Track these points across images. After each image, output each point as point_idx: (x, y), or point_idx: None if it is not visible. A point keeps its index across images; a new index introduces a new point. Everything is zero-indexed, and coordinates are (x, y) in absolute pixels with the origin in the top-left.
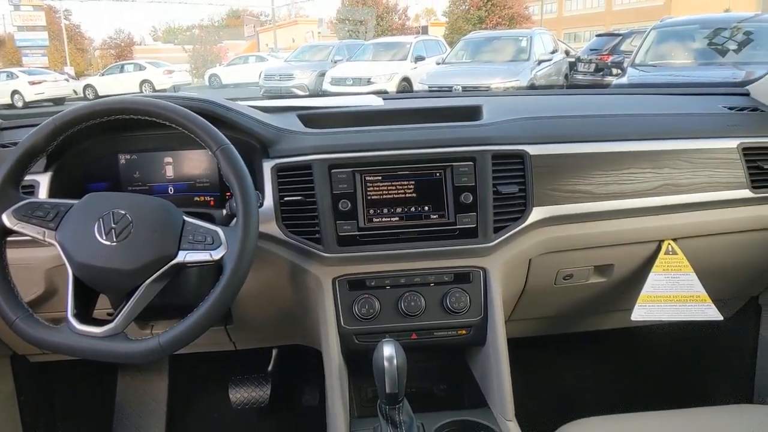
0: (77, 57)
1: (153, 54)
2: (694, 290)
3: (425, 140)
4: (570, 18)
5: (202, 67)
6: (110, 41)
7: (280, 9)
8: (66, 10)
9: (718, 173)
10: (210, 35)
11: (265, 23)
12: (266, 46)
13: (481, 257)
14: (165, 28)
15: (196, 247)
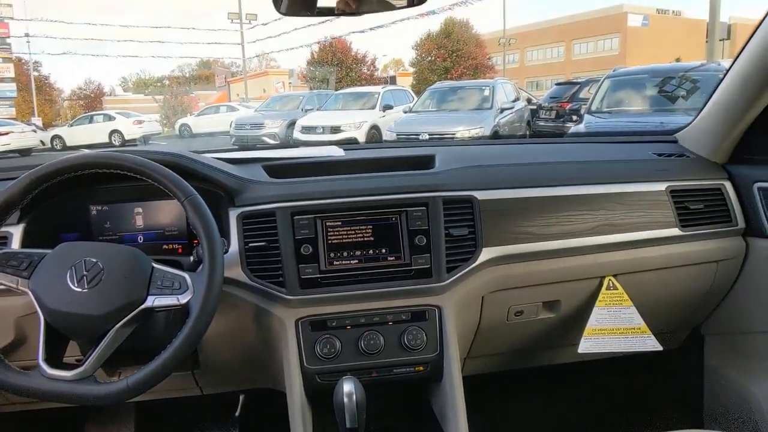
0: (45, 108)
1: (123, 105)
2: (634, 323)
3: (381, 187)
4: (531, 67)
5: (172, 117)
6: (80, 92)
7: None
8: (36, 61)
9: (649, 214)
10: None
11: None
12: (237, 96)
13: (435, 296)
14: (136, 79)
15: (164, 292)
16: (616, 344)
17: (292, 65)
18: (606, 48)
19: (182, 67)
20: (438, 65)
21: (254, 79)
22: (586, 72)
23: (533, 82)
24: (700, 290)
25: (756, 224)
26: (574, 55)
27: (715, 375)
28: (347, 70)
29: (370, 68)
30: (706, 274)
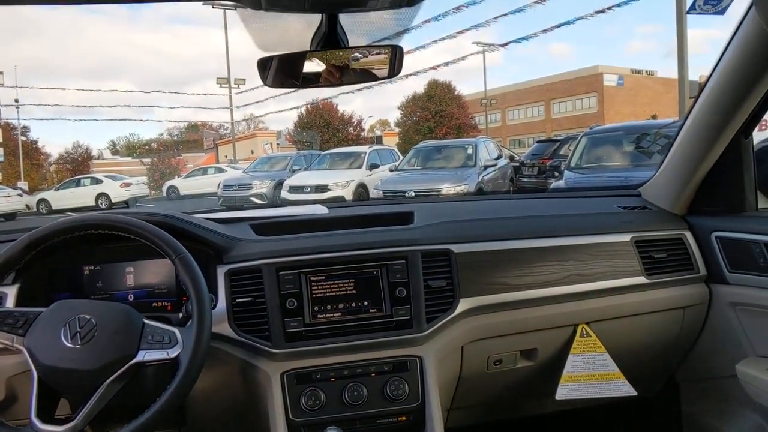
0: (32, 172)
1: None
2: (609, 369)
3: (363, 242)
4: (513, 126)
5: (160, 180)
6: (67, 156)
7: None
8: (24, 126)
9: (616, 263)
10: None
11: (224, 136)
12: (225, 158)
13: (416, 346)
14: (125, 142)
15: (154, 347)
16: (591, 390)
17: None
18: (584, 106)
19: (171, 131)
20: (422, 125)
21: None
22: (566, 130)
23: (515, 140)
24: (670, 336)
25: (716, 271)
26: (554, 114)
27: (693, 422)
28: (334, 131)
29: (356, 128)
30: (673, 321)
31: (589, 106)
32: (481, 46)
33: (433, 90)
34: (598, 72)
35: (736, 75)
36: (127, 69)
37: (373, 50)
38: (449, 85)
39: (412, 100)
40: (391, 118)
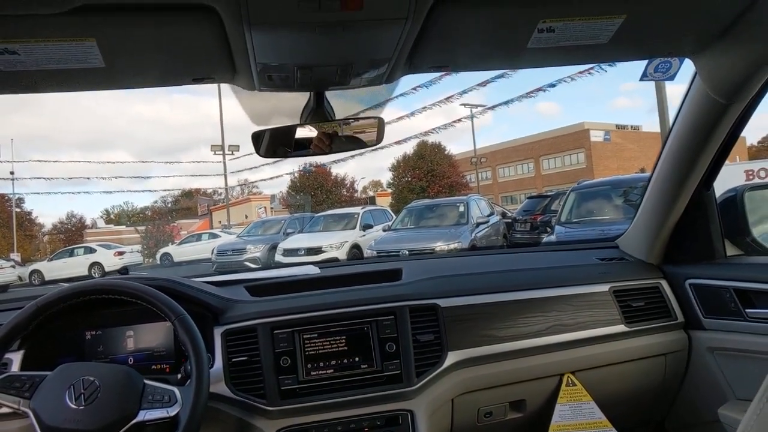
0: (25, 243)
1: (105, 237)
2: (596, 417)
3: (353, 300)
4: (504, 183)
5: (154, 247)
6: (61, 226)
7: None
8: (19, 198)
9: (596, 313)
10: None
11: (218, 202)
12: (219, 223)
13: (407, 400)
14: (118, 211)
15: (154, 406)
16: None
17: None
18: (573, 162)
19: (165, 198)
20: (414, 185)
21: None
22: (556, 185)
23: (507, 196)
24: (655, 383)
25: (693, 317)
26: (544, 170)
27: None
28: (327, 193)
29: (349, 190)
30: (656, 368)
31: (577, 162)
32: (468, 107)
33: (423, 150)
34: (584, 129)
35: (689, 134)
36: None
37: (357, 122)
38: (439, 145)
39: (403, 160)
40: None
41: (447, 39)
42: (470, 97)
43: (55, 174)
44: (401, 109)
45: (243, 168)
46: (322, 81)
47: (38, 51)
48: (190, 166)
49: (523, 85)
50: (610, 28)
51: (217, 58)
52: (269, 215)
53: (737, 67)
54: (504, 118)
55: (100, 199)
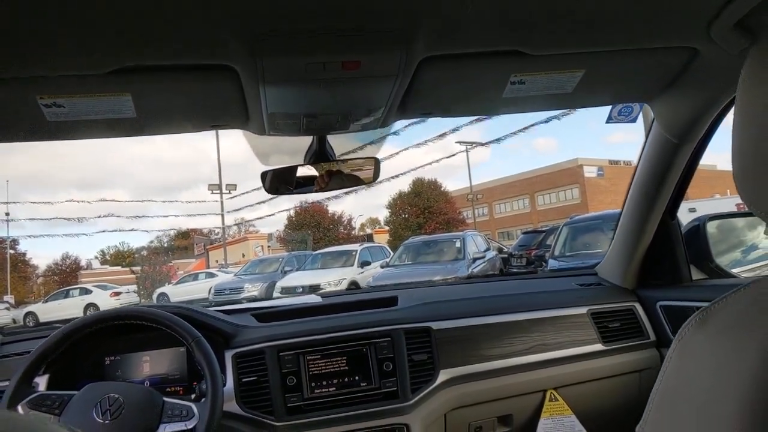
0: (19, 285)
1: (100, 278)
2: (576, 430)
3: (353, 324)
4: (500, 219)
5: (150, 287)
6: (55, 268)
7: (231, 227)
8: (13, 240)
9: (575, 333)
10: (159, 256)
11: (215, 241)
12: (216, 263)
13: (403, 415)
14: (114, 251)
15: (173, 420)
16: None
17: (271, 229)
18: (568, 198)
19: (161, 238)
20: (411, 221)
21: (233, 245)
22: (551, 220)
23: (504, 232)
24: (630, 399)
25: (663, 336)
26: (539, 206)
27: None
28: (325, 231)
29: (347, 227)
30: (632, 384)
31: (572, 197)
32: (464, 144)
33: (419, 187)
34: (578, 164)
35: (651, 170)
36: (121, 177)
37: (355, 162)
38: (435, 182)
39: (399, 197)
40: (381, 215)
41: (432, 90)
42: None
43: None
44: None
45: (240, 207)
46: (325, 126)
47: (81, 104)
48: (188, 205)
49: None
50: (572, 80)
51: (234, 108)
52: (267, 254)
53: (687, 111)
54: (502, 154)
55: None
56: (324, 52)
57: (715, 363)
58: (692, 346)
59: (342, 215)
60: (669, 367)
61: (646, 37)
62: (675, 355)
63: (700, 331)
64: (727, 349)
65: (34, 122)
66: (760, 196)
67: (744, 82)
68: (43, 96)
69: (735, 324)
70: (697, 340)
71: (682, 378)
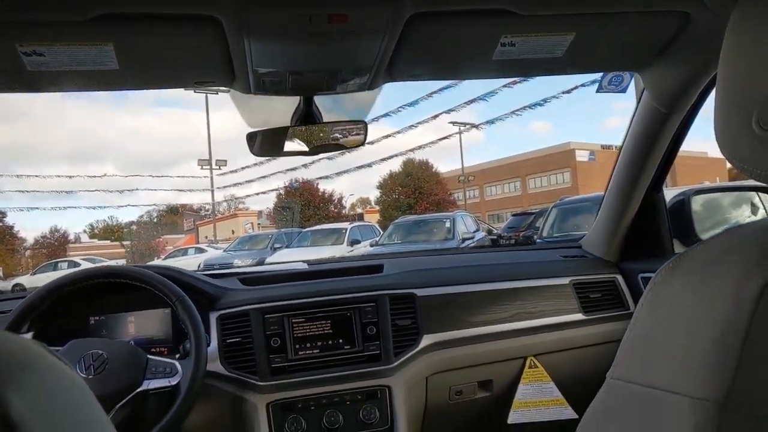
0: (7, 258)
1: (89, 251)
2: (554, 396)
3: (338, 289)
4: (491, 201)
5: (139, 261)
6: (43, 241)
7: (220, 204)
8: (1, 212)
9: (557, 303)
10: (148, 231)
11: (204, 217)
12: (206, 239)
13: (386, 377)
14: (103, 226)
15: (157, 376)
16: (539, 415)
17: (261, 206)
18: (559, 181)
19: (150, 213)
20: (402, 202)
21: (223, 222)
22: (542, 204)
23: (494, 214)
24: (608, 366)
25: None
26: (530, 189)
27: None
28: (315, 209)
29: (337, 206)
30: (610, 353)
31: (563, 181)
32: (457, 125)
33: (410, 168)
34: (570, 148)
35: (638, 142)
36: (110, 152)
37: (343, 125)
38: (426, 162)
39: (390, 178)
40: (372, 195)
41: (421, 50)
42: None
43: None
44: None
45: (230, 183)
46: (312, 86)
47: (62, 54)
48: (177, 180)
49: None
50: (563, 43)
51: (218, 63)
52: (256, 231)
53: (677, 80)
54: (496, 137)
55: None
56: (310, 3)
57: (686, 307)
58: (664, 291)
59: (332, 194)
60: (641, 313)
61: (637, 0)
62: (647, 301)
63: (672, 276)
64: (698, 293)
65: (14, 72)
66: (737, 148)
67: (727, 40)
68: (23, 44)
69: (706, 269)
70: (669, 285)
71: (653, 323)
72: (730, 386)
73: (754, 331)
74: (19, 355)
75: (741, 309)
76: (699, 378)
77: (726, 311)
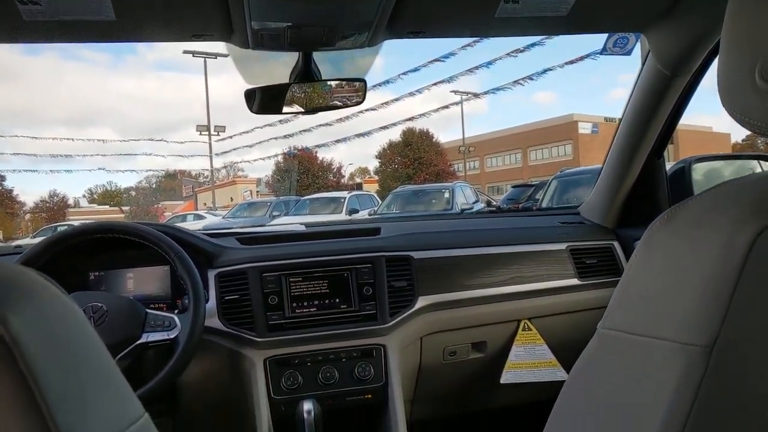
0: (6, 221)
1: (87, 216)
2: (546, 358)
3: (336, 250)
4: (491, 173)
5: None
6: (43, 205)
7: (219, 171)
8: (0, 176)
9: (553, 268)
10: (147, 197)
11: (203, 184)
12: (204, 205)
13: (381, 336)
14: (102, 191)
15: (156, 330)
16: (530, 376)
17: (260, 174)
18: (560, 154)
19: (149, 178)
20: (401, 172)
21: (222, 189)
22: (542, 176)
23: (494, 186)
24: None
25: None
26: (531, 161)
27: None
28: (313, 178)
29: (336, 175)
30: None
31: (565, 153)
32: (459, 94)
33: (410, 137)
34: (572, 120)
35: (641, 106)
36: (109, 116)
37: (341, 83)
38: (427, 132)
39: (389, 147)
40: (371, 166)
41: (422, 5)
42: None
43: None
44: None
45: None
46: (310, 41)
47: (59, 3)
48: (176, 146)
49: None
50: (567, 1)
51: (216, 16)
52: (255, 198)
53: (683, 42)
54: (500, 107)
55: (84, 179)
56: None
57: (678, 254)
58: (655, 243)
59: (332, 163)
60: (634, 263)
61: None
62: (638, 253)
63: (666, 226)
64: (691, 241)
65: (10, 21)
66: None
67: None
68: None
69: (701, 217)
70: (661, 236)
71: (646, 271)
72: (718, 331)
73: (745, 278)
74: (18, 280)
75: (733, 256)
76: (688, 323)
77: (718, 257)
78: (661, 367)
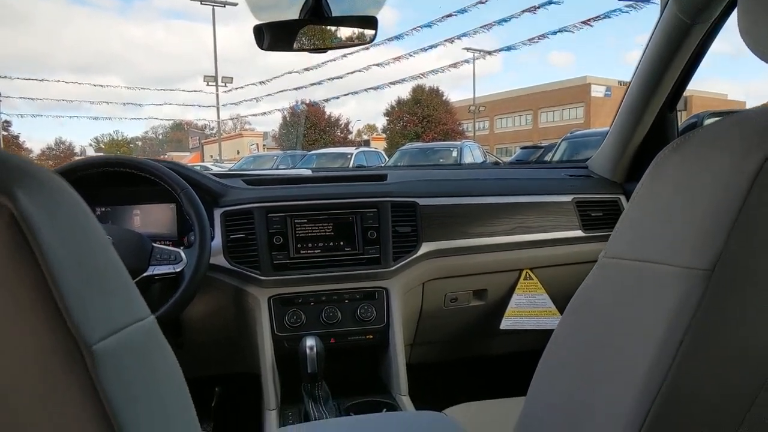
0: None
1: None
2: (546, 306)
3: (342, 193)
4: (501, 134)
5: None
6: (49, 152)
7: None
8: (6, 121)
9: (558, 219)
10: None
11: (210, 136)
12: (210, 158)
13: (384, 280)
14: (108, 140)
15: (162, 263)
16: (530, 323)
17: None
18: (571, 116)
19: (156, 129)
20: (409, 130)
21: (228, 141)
22: (552, 139)
23: (503, 148)
24: None
25: None
26: (541, 123)
27: None
28: (321, 133)
29: (343, 131)
30: None
31: (576, 117)
32: (471, 51)
33: (419, 94)
34: (586, 83)
35: (659, 55)
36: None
37: (352, 20)
38: (437, 90)
39: (398, 105)
40: (379, 123)
41: None
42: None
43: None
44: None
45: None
46: None
47: None
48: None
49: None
50: None
51: None
52: (262, 152)
53: None
54: (515, 66)
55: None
56: None
57: (684, 179)
58: (665, 166)
59: (339, 118)
60: (640, 190)
61: None
62: (647, 178)
63: (675, 152)
64: (698, 165)
65: None
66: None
67: None
68: None
69: (709, 143)
70: (671, 160)
71: (652, 197)
72: (718, 255)
73: (750, 202)
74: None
75: (739, 180)
76: (690, 247)
77: (724, 182)
78: (661, 292)
